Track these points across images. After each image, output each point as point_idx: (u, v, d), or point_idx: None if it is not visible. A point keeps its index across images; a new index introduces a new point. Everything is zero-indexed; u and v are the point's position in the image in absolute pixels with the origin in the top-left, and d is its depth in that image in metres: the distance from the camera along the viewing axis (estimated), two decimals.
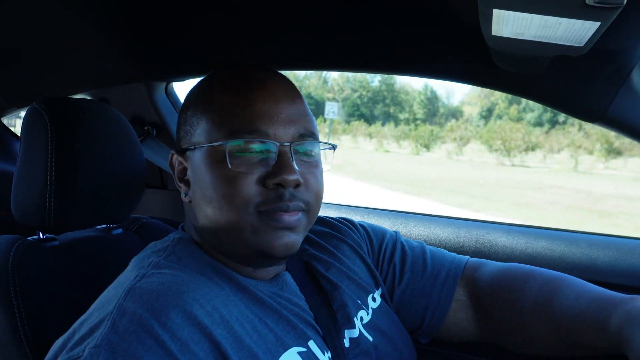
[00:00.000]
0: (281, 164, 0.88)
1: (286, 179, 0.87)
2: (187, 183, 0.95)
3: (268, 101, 0.91)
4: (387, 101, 64.45)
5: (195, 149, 0.93)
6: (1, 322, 1.01)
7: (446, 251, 1.20)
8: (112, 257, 1.02)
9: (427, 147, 36.20)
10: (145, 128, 1.84)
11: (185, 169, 0.95)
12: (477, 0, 0.74)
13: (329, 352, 0.93)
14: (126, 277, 0.87)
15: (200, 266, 0.91)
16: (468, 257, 1.19)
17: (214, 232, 0.92)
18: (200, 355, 0.75)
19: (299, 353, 0.88)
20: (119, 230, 1.35)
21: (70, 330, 0.80)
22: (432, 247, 1.21)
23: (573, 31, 0.77)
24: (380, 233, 1.22)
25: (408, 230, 1.79)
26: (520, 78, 1.20)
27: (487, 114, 49.25)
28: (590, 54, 0.90)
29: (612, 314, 0.92)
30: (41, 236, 1.18)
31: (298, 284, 1.01)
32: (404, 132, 42.31)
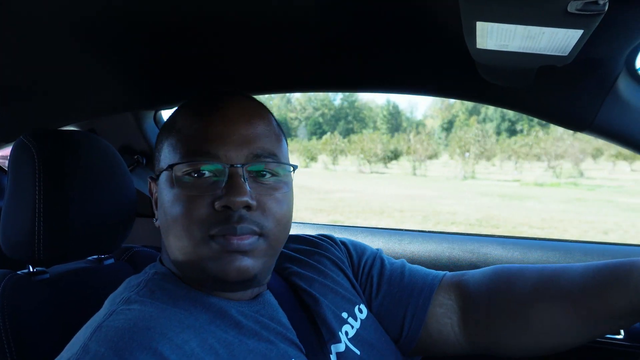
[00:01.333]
0: (230, 186, 0.86)
1: (233, 200, 0.84)
2: (158, 209, 0.96)
3: (221, 124, 0.91)
4: (350, 118, 65.16)
5: (160, 174, 0.94)
6: None
7: (427, 269, 1.19)
8: (104, 288, 1.00)
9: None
10: (135, 157, 1.83)
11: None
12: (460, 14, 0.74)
13: None
14: (97, 315, 0.86)
15: (174, 298, 0.88)
16: (447, 272, 1.18)
17: (177, 257, 0.91)
18: None
19: None
20: (111, 261, 1.34)
21: None
22: (413, 265, 1.20)
23: (557, 40, 0.77)
24: (361, 249, 1.22)
25: (403, 247, 1.79)
26: (509, 91, 1.20)
27: (449, 126, 49.55)
28: (575, 63, 0.90)
29: (632, 270, 0.92)
30: (31, 269, 1.17)
31: (280, 302, 0.99)
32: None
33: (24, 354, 1.02)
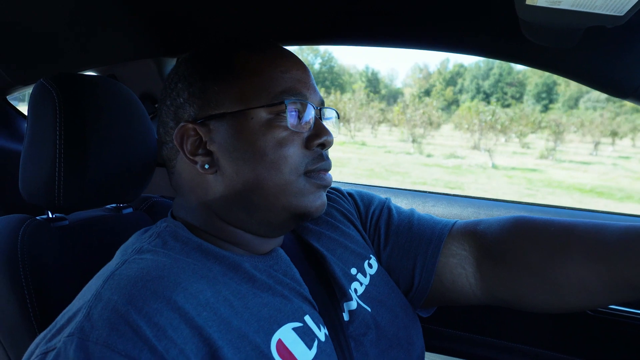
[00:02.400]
0: (320, 126, 0.92)
1: (329, 139, 0.92)
2: (206, 154, 0.91)
3: (300, 68, 0.94)
4: (327, 83, 65.32)
5: (227, 115, 0.89)
6: (10, 303, 0.99)
7: (437, 217, 1.16)
8: (122, 236, 0.99)
9: None
10: (156, 105, 1.80)
11: (201, 140, 0.91)
12: None
13: (325, 327, 0.90)
14: (109, 265, 0.85)
15: (188, 249, 0.88)
16: (458, 219, 1.14)
17: (246, 197, 0.89)
18: (178, 341, 0.71)
19: (294, 329, 0.85)
20: (129, 210, 1.33)
21: (54, 322, 0.77)
22: (422, 214, 1.17)
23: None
24: (368, 199, 1.21)
25: (426, 209, 1.76)
26: (548, 52, 1.14)
27: (425, 95, 49.30)
28: (625, 25, 0.85)
29: None
30: (50, 215, 1.15)
31: (292, 258, 0.98)
32: None
33: (42, 299, 1.01)
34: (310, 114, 0.92)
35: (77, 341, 0.68)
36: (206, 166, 0.90)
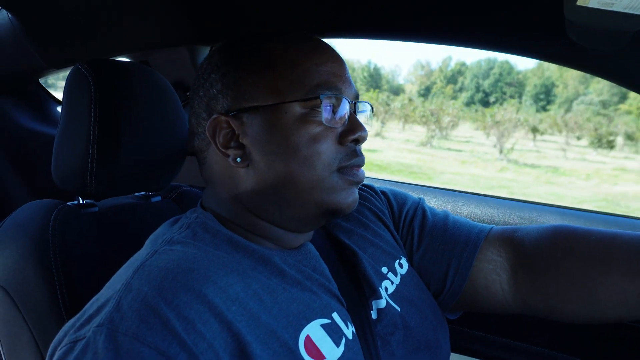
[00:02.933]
0: (355, 121, 0.91)
1: (363, 135, 0.90)
2: (239, 147, 0.90)
3: (336, 61, 0.93)
4: None
5: (260, 109, 0.88)
6: (40, 289, 1.00)
7: (472, 221, 1.14)
8: (151, 224, 0.99)
9: None
10: (188, 94, 1.79)
11: (234, 132, 0.90)
12: None
13: (353, 325, 0.89)
14: (139, 254, 0.85)
15: (217, 241, 0.87)
16: (494, 225, 1.12)
17: (277, 192, 0.89)
18: (207, 335, 0.70)
19: (322, 325, 0.84)
20: (158, 198, 1.32)
21: (82, 310, 0.77)
22: (457, 216, 1.15)
23: None
24: (402, 198, 1.19)
25: (456, 209, 1.74)
26: (593, 54, 1.12)
27: (426, 92, 48.82)
28: None
29: None
30: (81, 201, 1.15)
31: (321, 254, 0.97)
32: None
33: (71, 285, 1.02)
34: (345, 108, 0.90)
35: (106, 331, 0.67)
36: (238, 159, 0.89)
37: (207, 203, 0.97)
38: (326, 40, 1.00)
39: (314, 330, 0.82)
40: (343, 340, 0.85)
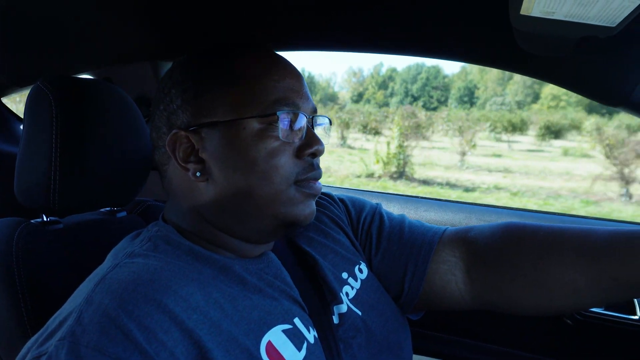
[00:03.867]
0: (312, 136, 0.93)
1: (320, 149, 0.93)
2: (198, 161, 0.91)
3: (294, 77, 0.95)
4: None
5: (219, 124, 0.89)
6: (5, 307, 1.00)
7: (428, 224, 1.18)
8: (116, 240, 0.99)
9: None
10: (151, 109, 1.80)
11: (193, 147, 0.91)
12: None
13: (315, 330, 0.91)
14: (100, 269, 0.86)
15: (179, 252, 0.88)
16: (448, 226, 1.16)
17: (236, 205, 0.90)
18: (169, 344, 0.72)
19: (284, 331, 0.86)
20: (123, 213, 1.33)
21: (45, 326, 0.78)
22: (413, 220, 1.19)
23: (609, 10, 0.73)
24: (360, 205, 1.22)
25: (419, 215, 1.77)
26: (542, 60, 1.16)
27: (358, 98, 49.71)
28: (616, 35, 0.86)
29: None
30: (45, 219, 1.15)
31: (282, 261, 0.99)
32: None
33: (36, 302, 1.02)
34: (302, 123, 0.92)
35: (68, 345, 0.68)
36: (198, 174, 0.91)
37: (169, 215, 0.98)
38: (286, 53, 1.02)
39: (276, 335, 0.84)
40: (305, 345, 0.87)
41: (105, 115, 1.13)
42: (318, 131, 0.98)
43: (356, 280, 1.07)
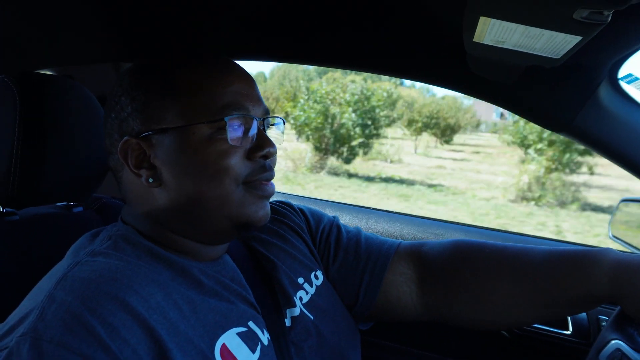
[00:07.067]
0: (263, 138, 0.94)
1: (271, 151, 0.94)
2: (150, 167, 0.92)
3: (243, 81, 0.96)
4: None
5: (169, 131, 0.90)
6: None
7: (383, 237, 1.22)
8: (72, 234, 1.00)
9: None
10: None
11: (145, 154, 0.92)
12: (464, 6, 0.75)
13: (268, 332, 0.94)
14: (61, 266, 0.86)
15: (139, 252, 0.90)
16: (402, 240, 1.21)
17: (189, 209, 0.92)
18: (132, 342, 0.73)
19: (238, 334, 0.88)
20: (80, 209, 1.33)
21: (4, 322, 0.78)
22: (369, 233, 1.23)
23: (553, 43, 0.79)
24: (318, 216, 1.25)
25: (369, 225, 1.81)
26: (493, 85, 1.22)
27: None
28: (561, 66, 0.93)
29: (597, 261, 0.95)
30: (1, 209, 1.15)
31: (238, 264, 1.01)
32: None
33: None
34: (252, 126, 0.94)
35: (30, 340, 0.69)
36: (150, 180, 0.92)
37: (127, 218, 0.99)
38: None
39: (230, 338, 0.86)
40: (259, 347, 0.90)
41: (69, 112, 1.15)
42: (272, 133, 1.00)
43: (311, 286, 1.10)
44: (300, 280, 1.09)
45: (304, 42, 1.28)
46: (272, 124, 1.02)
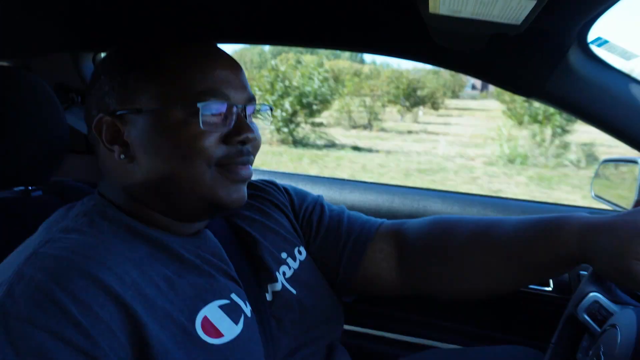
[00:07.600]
0: (242, 123, 0.93)
1: (250, 137, 0.93)
2: (123, 144, 0.92)
3: (225, 67, 0.95)
4: None
5: (143, 111, 0.90)
6: None
7: (366, 216, 1.23)
8: (32, 218, 0.99)
9: None
10: (70, 95, 1.78)
11: (119, 131, 0.92)
12: None
13: (249, 305, 0.94)
14: (31, 241, 0.85)
15: (115, 228, 0.89)
16: (385, 219, 1.23)
17: (161, 187, 0.91)
18: (105, 317, 0.72)
19: (221, 306, 0.88)
20: (39, 192, 1.30)
21: None
22: (352, 212, 1.24)
23: (509, 9, 0.76)
24: (302, 195, 1.26)
25: (343, 196, 1.82)
26: (460, 55, 1.20)
27: None
28: (527, 33, 0.90)
29: (564, 225, 0.96)
30: None
31: (220, 240, 1.01)
32: None
33: None
34: (230, 112, 0.93)
35: None
36: (122, 156, 0.92)
37: (103, 191, 0.98)
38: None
39: (212, 311, 0.87)
40: (242, 319, 0.90)
41: (21, 102, 1.13)
42: (258, 120, 1.00)
43: (295, 261, 1.11)
44: (284, 255, 1.10)
45: (262, 22, 1.25)
46: (258, 110, 1.02)
